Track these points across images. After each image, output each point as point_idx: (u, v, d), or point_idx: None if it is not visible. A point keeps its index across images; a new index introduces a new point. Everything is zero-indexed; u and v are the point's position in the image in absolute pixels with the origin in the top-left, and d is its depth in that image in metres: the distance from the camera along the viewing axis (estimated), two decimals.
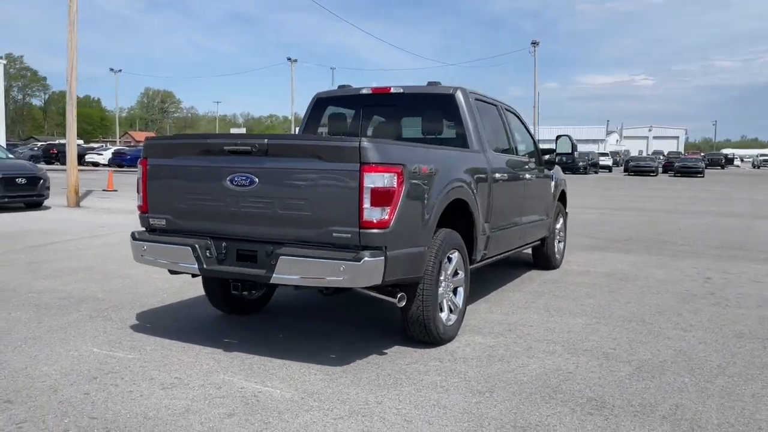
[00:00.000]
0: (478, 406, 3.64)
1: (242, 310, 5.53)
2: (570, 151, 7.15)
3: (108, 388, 3.81)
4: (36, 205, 14.66)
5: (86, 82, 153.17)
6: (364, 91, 5.97)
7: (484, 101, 6.05)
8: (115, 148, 47.38)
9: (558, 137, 7.23)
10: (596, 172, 50.10)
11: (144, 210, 4.65)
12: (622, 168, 55.29)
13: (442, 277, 4.70)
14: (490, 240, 5.57)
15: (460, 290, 5.02)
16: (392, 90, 5.84)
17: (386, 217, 3.91)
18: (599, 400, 3.75)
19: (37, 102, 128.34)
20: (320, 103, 6.18)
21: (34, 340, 4.73)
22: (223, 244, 4.29)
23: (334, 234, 3.95)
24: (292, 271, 3.99)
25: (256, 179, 4.15)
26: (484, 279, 7.22)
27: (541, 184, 7.16)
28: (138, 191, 4.68)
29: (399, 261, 4.07)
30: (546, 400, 3.74)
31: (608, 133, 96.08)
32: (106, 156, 43.53)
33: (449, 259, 4.78)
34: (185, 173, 4.44)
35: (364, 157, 3.84)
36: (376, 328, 5.18)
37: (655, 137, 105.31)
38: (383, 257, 3.91)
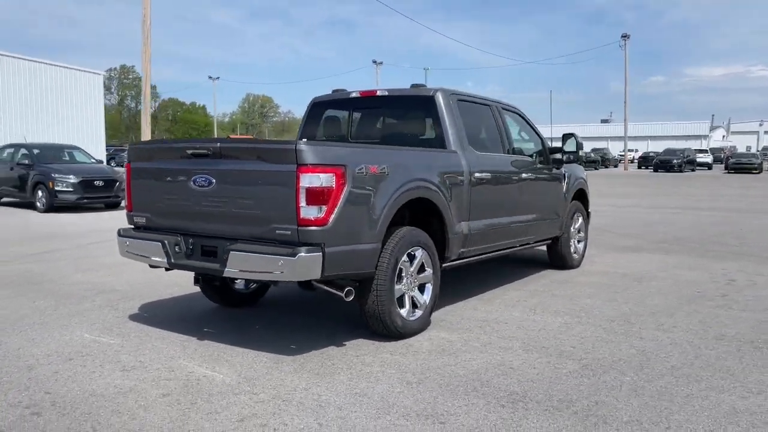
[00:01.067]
0: (397, 395, 3.80)
1: (236, 303, 5.89)
2: (575, 150, 7.08)
3: (76, 368, 4.25)
4: (114, 205, 15.84)
5: (194, 89, 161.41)
6: (353, 95, 6.22)
7: (472, 102, 6.15)
8: None
9: (564, 136, 7.18)
10: (693, 170, 47.72)
11: (129, 209, 5.11)
12: (723, 165, 52.36)
13: (404, 274, 4.87)
14: (470, 238, 5.67)
15: (428, 287, 5.16)
16: (378, 93, 6.05)
17: (323, 215, 4.14)
18: (521, 395, 3.82)
19: None
20: (316, 106, 6.48)
21: (41, 325, 5.29)
22: (191, 240, 4.66)
23: (278, 231, 4.23)
24: (240, 266, 4.30)
25: (214, 180, 4.49)
26: (491, 276, 7.28)
27: (548, 183, 7.14)
28: (125, 192, 5.15)
29: (340, 257, 4.29)
30: (468, 392, 3.85)
31: (712, 128, 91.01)
32: None
33: (411, 256, 4.93)
34: (160, 175, 4.84)
35: (300, 158, 4.09)
36: (355, 322, 5.38)
37: (766, 132, 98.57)
38: (321, 253, 4.14)
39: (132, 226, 5.13)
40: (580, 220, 8.05)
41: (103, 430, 3.33)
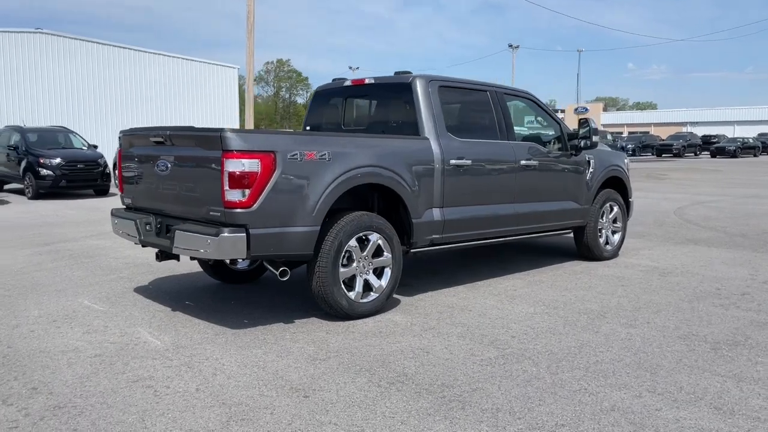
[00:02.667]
0: (290, 370, 4.01)
1: (236, 281, 6.33)
2: (588, 136, 6.78)
3: (49, 329, 4.87)
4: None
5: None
6: (347, 84, 6.41)
7: (460, 88, 6.11)
8: None
9: (580, 121, 6.89)
10: None
11: (120, 191, 5.69)
12: None
13: (355, 257, 5.03)
14: (447, 225, 5.69)
15: (387, 271, 5.27)
16: (366, 81, 6.19)
17: (246, 199, 4.41)
18: (408, 377, 3.89)
19: (300, 100, 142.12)
20: (318, 95, 6.74)
21: (57, 292, 6.03)
22: (159, 220, 5.13)
23: (211, 213, 4.57)
24: (182, 244, 4.70)
25: (169, 165, 4.92)
26: (505, 263, 7.18)
27: (563, 170, 6.90)
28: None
29: (268, 238, 4.55)
30: (359, 372, 3.98)
31: None
32: None
33: (363, 240, 5.08)
34: (138, 160, 5.36)
35: (225, 145, 4.39)
36: None
37: None
38: (244, 234, 4.43)
39: (124, 207, 5.70)
40: (615, 209, 7.67)
41: (24, 380, 3.84)
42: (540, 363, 4.14)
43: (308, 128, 6.72)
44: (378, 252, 5.22)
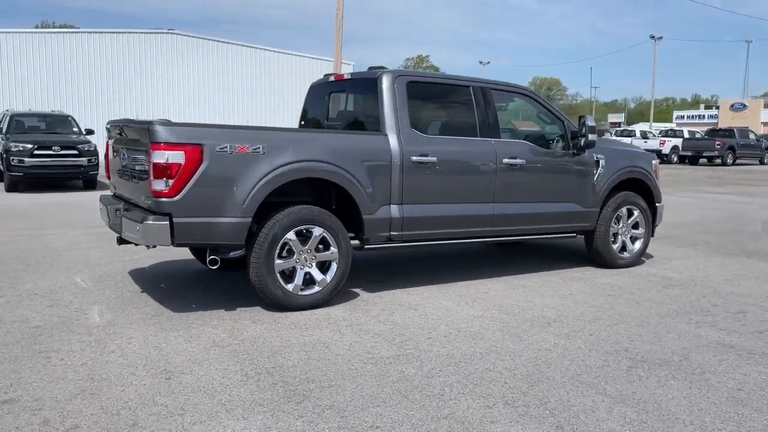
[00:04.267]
0: (179, 352, 4.21)
1: (228, 267, 6.63)
2: (584, 134, 6.38)
3: (22, 301, 5.40)
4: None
5: (492, 74, 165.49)
6: (330, 79, 6.49)
7: (437, 83, 6.02)
8: None
9: (579, 118, 6.50)
10: None
11: (108, 178, 6.17)
12: None
13: (295, 250, 5.14)
14: (407, 222, 5.64)
15: (333, 265, 5.33)
16: (345, 77, 6.25)
17: (169, 189, 4.66)
18: (281, 368, 3.95)
19: None
20: (310, 91, 6.87)
21: (62, 269, 6.63)
22: (125, 206, 5.53)
23: (146, 201, 4.88)
24: (125, 229, 5.04)
25: (126, 155, 5.29)
26: (508, 264, 6.95)
27: (562, 169, 6.56)
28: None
29: (193, 227, 4.77)
30: (238, 360, 4.09)
31: None
32: None
33: (304, 234, 5.17)
34: (113, 150, 5.79)
35: (152, 137, 4.67)
36: None
37: None
38: (167, 222, 4.68)
39: (111, 194, 6.18)
40: (635, 214, 7.15)
41: None
42: (425, 366, 4.04)
43: (302, 123, 6.88)
44: (325, 246, 5.27)
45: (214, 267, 5.03)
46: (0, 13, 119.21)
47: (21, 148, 14.06)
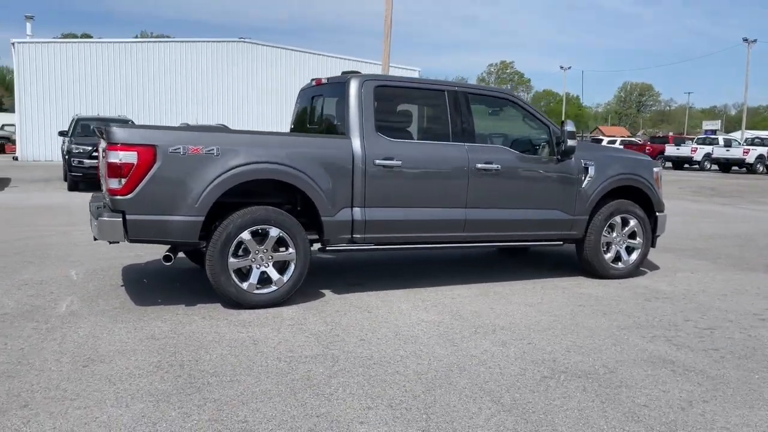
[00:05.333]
0: (112, 343, 4.41)
1: None
2: (564, 140, 6.22)
3: (9, 290, 5.76)
4: None
5: (576, 80, 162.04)
6: (312, 83, 6.62)
7: (408, 88, 6.05)
8: None
9: (562, 123, 6.34)
10: None
11: (98, 179, 6.53)
12: None
13: (251, 249, 5.29)
14: (369, 225, 5.69)
15: (291, 265, 5.45)
16: (323, 81, 6.37)
17: (122, 187, 4.91)
18: (180, 363, 4.08)
19: None
20: (299, 94, 7.02)
21: (72, 262, 7.06)
22: (100, 204, 5.84)
23: (107, 199, 5.16)
24: (90, 225, 5.34)
25: (102, 156, 5.60)
26: (498, 271, 6.86)
27: (545, 175, 6.42)
28: None
29: (146, 225, 5.00)
30: (157, 353, 4.25)
31: None
32: None
33: (259, 234, 5.32)
34: (103, 152, 6.13)
35: (109, 138, 4.95)
36: None
37: None
38: (120, 219, 4.94)
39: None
40: (631, 223, 6.89)
41: None
42: (335, 366, 4.10)
43: (292, 127, 7.04)
44: (283, 246, 5.40)
45: (168, 263, 5.24)
46: (104, 23, 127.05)
47: (81, 150, 14.98)
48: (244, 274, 5.35)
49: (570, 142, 6.19)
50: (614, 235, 6.86)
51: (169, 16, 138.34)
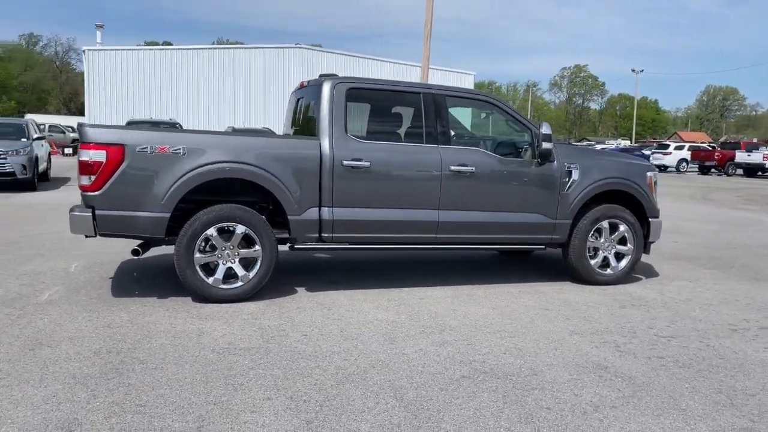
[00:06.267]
0: (67, 330, 4.69)
1: None
2: (539, 144, 6.16)
3: (7, 279, 6.19)
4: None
5: (651, 83, 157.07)
6: (297, 86, 6.80)
7: (383, 90, 6.14)
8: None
9: (540, 126, 6.27)
10: None
11: None
12: None
13: (218, 246, 5.50)
14: (337, 225, 5.81)
15: (258, 262, 5.63)
16: (304, 84, 6.53)
17: (91, 183, 5.21)
18: (132, 349, 4.31)
19: (594, 106, 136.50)
20: (290, 97, 7.22)
21: (77, 255, 7.48)
22: None
23: (80, 194, 5.48)
24: None
25: None
26: (483, 273, 6.85)
27: (524, 178, 6.37)
28: None
29: (114, 220, 5.28)
30: (97, 340, 4.48)
31: None
32: None
33: (225, 231, 5.52)
34: None
35: (81, 137, 5.26)
36: None
37: None
38: (90, 214, 5.24)
39: None
40: (621, 228, 6.73)
41: None
42: (262, 360, 4.23)
43: (283, 128, 7.23)
44: (249, 244, 5.58)
45: (135, 257, 5.50)
46: (184, 31, 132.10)
47: None
48: (212, 269, 5.55)
49: (545, 145, 6.13)
50: (602, 240, 6.72)
51: (246, 24, 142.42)
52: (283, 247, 5.94)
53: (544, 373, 4.10)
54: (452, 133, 6.25)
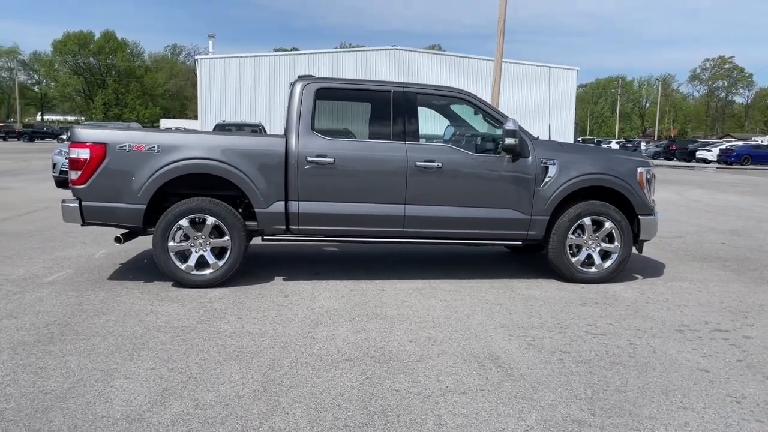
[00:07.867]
0: (42, 305, 5.37)
1: None
2: (502, 139, 6.15)
3: (36, 263, 7.06)
4: None
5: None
6: (289, 84, 7.20)
7: (351, 89, 6.42)
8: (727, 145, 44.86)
9: (506, 122, 6.26)
10: None
11: None
12: None
13: (190, 235, 6.04)
14: (303, 218, 6.18)
15: (228, 251, 6.12)
16: (291, 82, 6.92)
17: (78, 178, 5.91)
18: (80, 323, 4.89)
19: (740, 100, 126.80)
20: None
21: (105, 244, 8.34)
22: None
23: (71, 187, 6.20)
24: None
25: None
26: (463, 268, 6.96)
27: (495, 174, 6.41)
28: None
29: (98, 210, 5.94)
30: (65, 314, 5.14)
31: None
32: (714, 153, 42.65)
33: (197, 222, 6.05)
34: None
35: (71, 137, 5.98)
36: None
37: None
38: (77, 205, 5.94)
39: None
40: (606, 225, 6.59)
41: None
42: (192, 339, 4.64)
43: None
44: (221, 234, 6.08)
45: (118, 244, 6.14)
46: (311, 37, 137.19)
47: None
48: (186, 257, 6.08)
49: (507, 141, 6.13)
50: (585, 237, 6.60)
51: (370, 27, 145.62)
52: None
53: (428, 360, 4.23)
54: (423, 129, 6.39)
